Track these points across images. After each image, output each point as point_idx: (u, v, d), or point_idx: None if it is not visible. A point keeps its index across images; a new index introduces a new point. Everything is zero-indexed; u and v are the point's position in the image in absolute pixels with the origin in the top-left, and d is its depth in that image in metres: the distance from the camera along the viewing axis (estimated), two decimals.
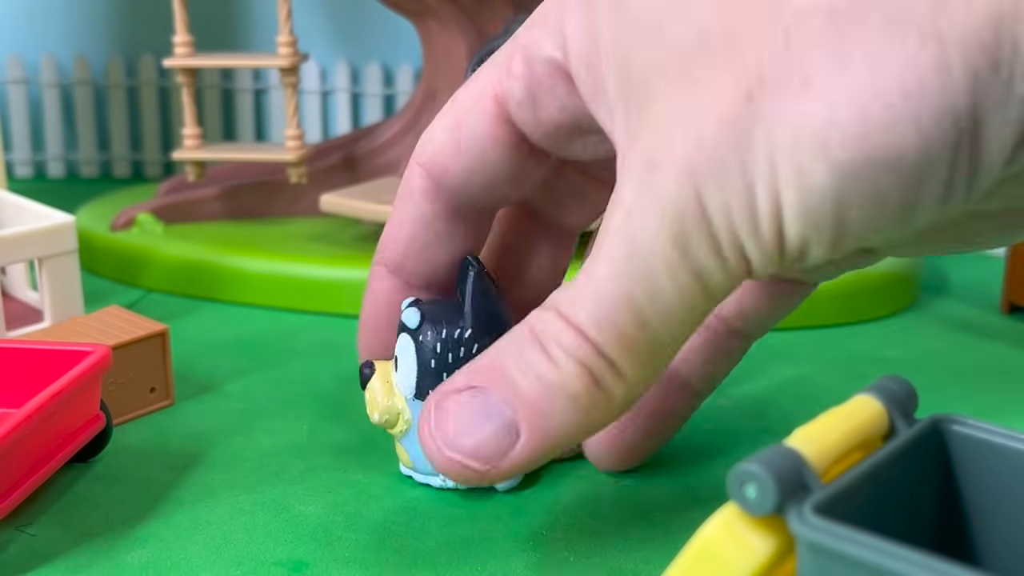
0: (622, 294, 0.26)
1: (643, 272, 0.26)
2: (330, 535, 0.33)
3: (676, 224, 0.25)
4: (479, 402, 0.29)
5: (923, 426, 0.23)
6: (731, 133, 0.25)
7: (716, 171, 0.25)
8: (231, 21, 0.78)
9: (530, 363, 0.28)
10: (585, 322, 0.27)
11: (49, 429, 0.34)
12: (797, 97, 0.24)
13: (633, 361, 0.27)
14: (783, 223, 0.25)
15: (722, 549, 0.20)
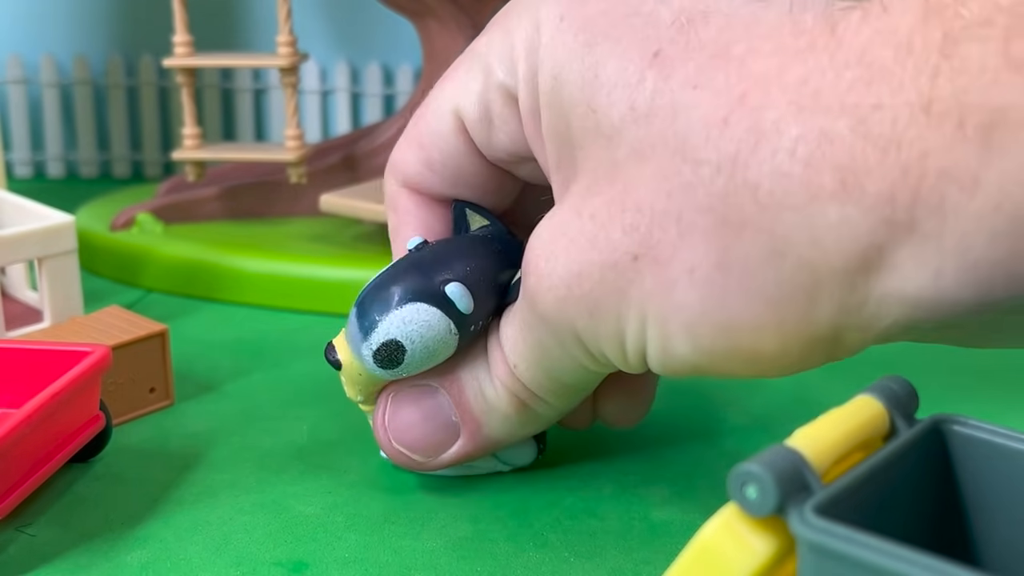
0: (533, 354, 0.31)
1: (540, 348, 0.30)
2: (330, 535, 0.33)
3: (554, 334, 0.29)
4: (428, 400, 0.33)
5: (924, 426, 0.23)
6: (612, 284, 0.27)
7: (591, 310, 0.28)
8: (231, 21, 0.78)
9: (479, 380, 0.33)
10: (512, 362, 0.31)
11: (49, 429, 0.34)
12: (678, 279, 0.26)
13: (552, 395, 0.32)
14: (648, 363, 0.28)
15: (722, 550, 0.20)
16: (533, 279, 0.29)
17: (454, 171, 0.33)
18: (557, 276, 0.28)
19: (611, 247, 0.27)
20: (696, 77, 0.25)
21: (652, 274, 0.26)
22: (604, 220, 0.27)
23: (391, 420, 0.34)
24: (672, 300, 0.26)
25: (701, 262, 0.25)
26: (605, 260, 0.27)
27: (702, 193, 0.25)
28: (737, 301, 0.25)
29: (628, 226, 0.26)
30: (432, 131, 0.33)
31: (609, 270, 0.27)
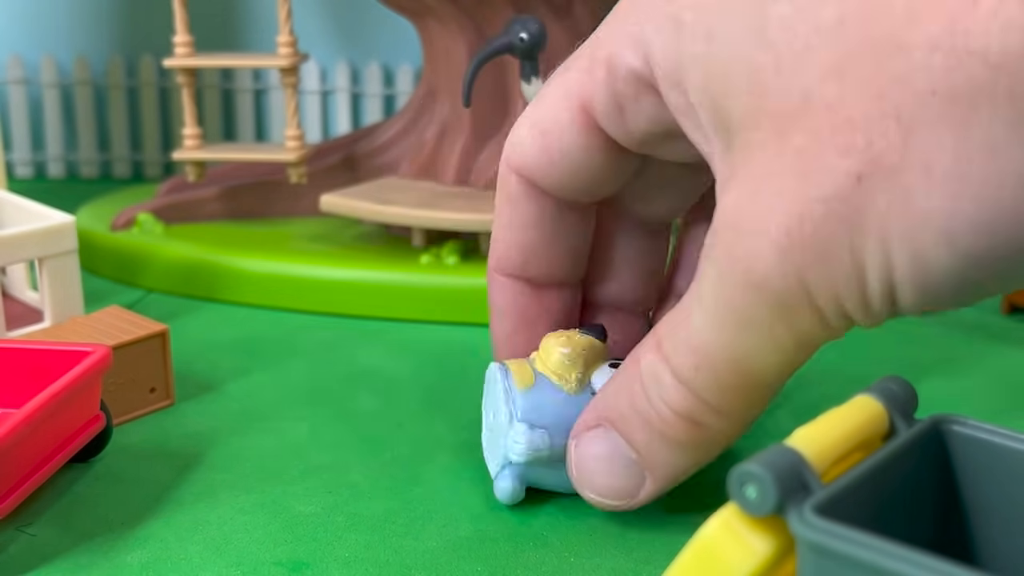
0: (720, 346, 0.27)
1: (742, 332, 0.27)
2: (330, 535, 0.33)
3: (775, 300, 0.26)
4: (606, 445, 0.31)
5: (923, 426, 0.23)
6: (839, 216, 0.24)
7: (820, 252, 0.25)
8: (231, 21, 0.78)
9: (641, 411, 0.30)
10: (687, 372, 0.28)
11: (49, 429, 0.34)
12: (916, 184, 0.23)
13: (731, 399, 0.29)
14: (897, 297, 0.25)
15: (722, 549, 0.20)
16: (742, 242, 0.26)
17: (572, 164, 0.32)
18: (774, 227, 0.25)
19: (828, 175, 0.24)
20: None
21: (884, 189, 0.23)
22: (813, 151, 0.24)
23: (578, 469, 0.32)
24: (915, 210, 0.23)
25: (937, 157, 0.22)
26: (825, 192, 0.24)
27: (920, 79, 0.22)
28: (989, 188, 0.22)
29: (842, 146, 0.24)
30: (555, 121, 0.32)
31: (833, 201, 0.24)
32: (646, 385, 0.30)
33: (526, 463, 0.33)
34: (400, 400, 0.42)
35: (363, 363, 0.46)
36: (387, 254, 0.54)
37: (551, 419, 0.33)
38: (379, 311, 0.51)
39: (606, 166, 0.32)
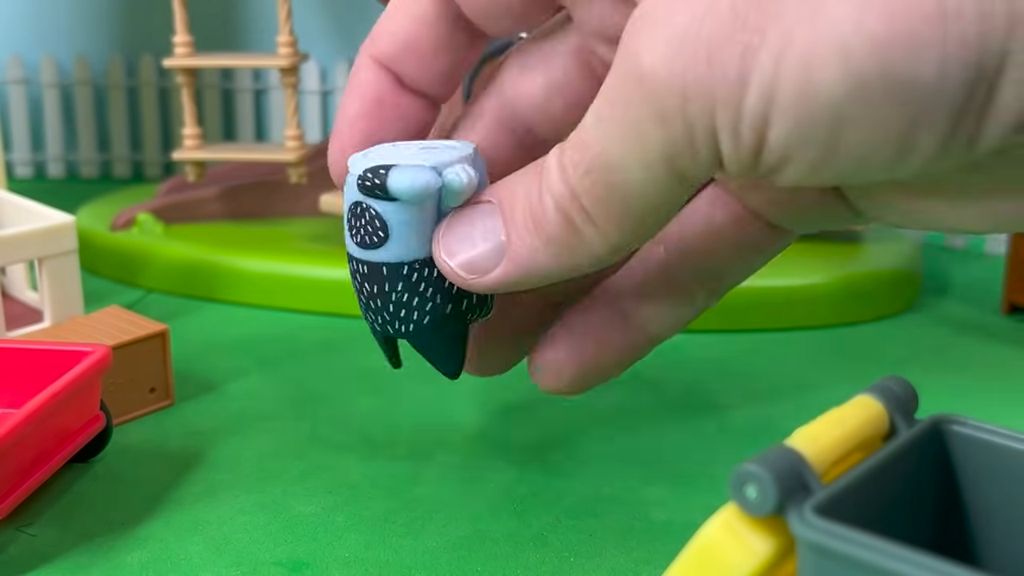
0: (598, 147, 0.26)
1: (617, 132, 0.26)
2: (330, 535, 0.33)
3: (652, 96, 0.25)
4: (485, 219, 0.30)
5: (923, 426, 0.23)
6: (743, 15, 0.23)
7: (711, 52, 0.23)
8: (231, 21, 0.78)
9: (529, 196, 0.29)
10: (571, 170, 0.27)
11: (49, 429, 0.34)
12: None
13: (606, 217, 0.27)
14: (768, 125, 0.23)
15: (722, 549, 0.20)
16: (642, 32, 0.25)
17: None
18: (677, 19, 0.24)
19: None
20: None
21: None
22: None
23: (446, 231, 0.31)
24: (822, 16, 0.22)
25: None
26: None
27: None
28: (900, 8, 0.21)
29: None
30: None
31: (738, 6, 0.23)
32: (542, 173, 0.29)
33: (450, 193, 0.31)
34: (400, 400, 0.42)
35: (363, 363, 0.46)
36: None
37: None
38: None
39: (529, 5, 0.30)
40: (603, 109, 0.26)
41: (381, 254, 0.31)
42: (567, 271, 0.29)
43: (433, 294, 0.32)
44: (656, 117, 0.25)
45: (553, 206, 0.28)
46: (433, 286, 0.32)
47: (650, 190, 0.26)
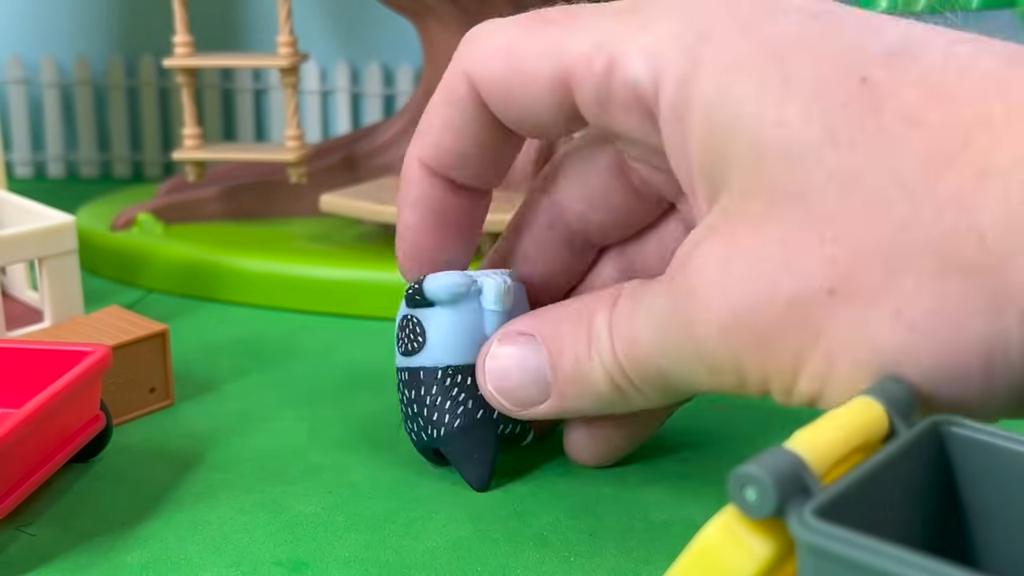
0: (651, 354, 0.29)
1: (672, 358, 0.29)
2: (330, 535, 0.33)
3: (706, 358, 0.27)
4: (530, 355, 0.32)
5: (923, 428, 0.23)
6: (798, 319, 0.25)
7: (765, 344, 0.26)
8: (231, 21, 0.78)
9: (577, 352, 0.31)
10: (622, 355, 0.30)
11: (49, 429, 0.34)
12: (883, 322, 0.24)
13: (654, 390, 0.30)
14: (820, 399, 0.26)
15: (722, 552, 0.20)
16: (698, 305, 0.27)
17: (528, 107, 0.31)
18: (729, 305, 0.26)
19: (803, 278, 0.25)
20: (912, 112, 0.24)
21: (850, 311, 0.24)
22: (797, 248, 0.25)
23: (491, 362, 0.33)
24: (871, 341, 0.24)
25: (911, 306, 0.24)
26: (794, 292, 0.25)
27: (920, 235, 0.23)
28: (946, 349, 0.23)
29: (826, 258, 0.24)
30: (531, 59, 0.30)
31: (797, 302, 0.25)
32: (592, 334, 0.31)
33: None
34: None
35: (363, 363, 0.46)
36: (387, 254, 0.54)
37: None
38: (379, 311, 0.51)
39: (568, 123, 0.31)
40: (655, 331, 0.29)
41: (419, 359, 0.34)
42: (605, 413, 0.33)
43: (465, 399, 0.34)
44: (708, 371, 0.28)
45: (603, 372, 0.31)
46: (466, 391, 0.34)
47: (702, 390, 0.29)
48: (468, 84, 0.32)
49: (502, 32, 0.31)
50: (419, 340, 0.34)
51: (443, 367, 0.34)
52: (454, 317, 0.34)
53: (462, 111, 0.32)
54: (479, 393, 0.34)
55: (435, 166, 0.34)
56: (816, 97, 0.25)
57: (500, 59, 0.31)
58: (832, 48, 0.25)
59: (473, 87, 0.32)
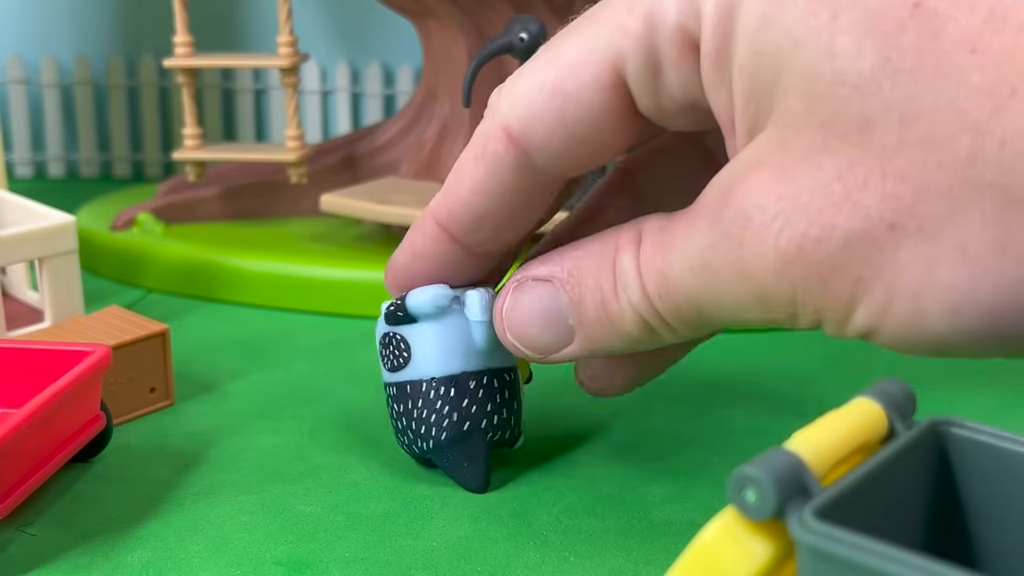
0: (689, 293, 0.28)
1: (714, 295, 0.27)
2: (330, 535, 0.33)
3: (758, 292, 0.26)
4: (550, 300, 0.31)
5: (922, 429, 0.23)
6: (857, 251, 0.24)
7: (822, 276, 0.25)
8: (231, 21, 0.78)
9: (603, 294, 0.30)
10: (655, 295, 0.29)
11: (49, 429, 0.34)
12: (945, 257, 0.24)
13: (687, 327, 0.29)
14: (872, 335, 0.25)
15: (722, 553, 0.20)
16: (749, 235, 0.26)
17: (587, 131, 0.29)
18: (787, 238, 0.25)
19: (863, 213, 0.24)
20: (972, 39, 0.23)
21: (911, 247, 0.24)
22: (856, 183, 0.24)
23: (509, 312, 0.32)
24: (934, 276, 0.24)
25: (975, 240, 0.23)
26: (854, 226, 0.24)
27: (983, 168, 0.23)
28: (1013, 284, 0.23)
29: (888, 194, 0.24)
30: (575, 80, 0.28)
31: (856, 237, 0.24)
32: (617, 275, 0.30)
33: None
34: None
35: (363, 363, 0.46)
36: (387, 254, 0.54)
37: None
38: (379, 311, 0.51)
39: (621, 135, 0.29)
40: (697, 270, 0.28)
41: (406, 373, 0.35)
42: (630, 351, 0.32)
43: (450, 411, 0.34)
44: (760, 305, 0.27)
45: (632, 312, 0.30)
46: (450, 404, 0.34)
47: (739, 322, 0.28)
48: (503, 136, 0.30)
49: (529, 73, 0.30)
50: (404, 356, 0.34)
51: (428, 379, 0.34)
52: (438, 329, 0.34)
53: (495, 167, 0.30)
54: (467, 403, 0.34)
55: (454, 230, 0.32)
56: (869, 24, 0.24)
57: (539, 91, 0.29)
58: None
59: (509, 138, 0.30)
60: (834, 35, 0.24)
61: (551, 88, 0.29)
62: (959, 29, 0.23)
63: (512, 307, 0.32)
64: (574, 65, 0.28)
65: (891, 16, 0.24)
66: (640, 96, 0.28)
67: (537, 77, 0.29)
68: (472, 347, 0.34)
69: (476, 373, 0.34)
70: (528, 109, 0.29)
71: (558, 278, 0.31)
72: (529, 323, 0.32)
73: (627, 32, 0.27)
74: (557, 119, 0.29)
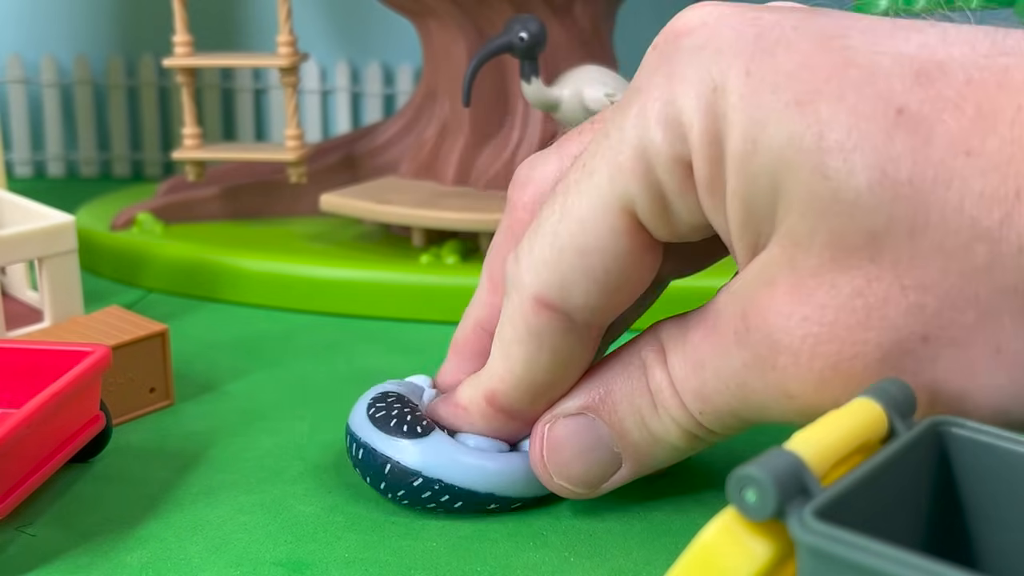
0: (730, 408, 0.28)
1: (755, 408, 0.27)
2: (330, 535, 0.33)
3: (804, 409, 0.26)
4: (588, 433, 0.31)
5: (922, 429, 0.23)
6: (894, 363, 0.24)
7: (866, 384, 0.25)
8: (231, 21, 0.78)
9: (643, 416, 0.30)
10: (695, 411, 0.29)
11: (49, 429, 0.34)
12: (982, 361, 0.24)
13: (732, 430, 0.29)
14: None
15: (722, 553, 0.20)
16: (786, 364, 0.26)
17: (619, 279, 0.29)
18: (822, 358, 0.25)
19: (892, 327, 0.24)
20: (965, 142, 0.23)
21: (948, 356, 0.24)
22: (877, 299, 0.24)
23: (551, 455, 0.32)
24: (974, 381, 0.24)
25: (1009, 343, 0.23)
26: (886, 340, 0.24)
27: (1004, 274, 0.23)
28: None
29: (912, 305, 0.24)
30: (595, 237, 0.28)
31: (892, 351, 0.24)
32: (654, 395, 0.30)
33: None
34: None
35: (363, 363, 0.46)
36: (387, 254, 0.54)
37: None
38: (379, 311, 0.51)
39: (651, 264, 0.29)
40: (733, 391, 0.28)
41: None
42: (681, 459, 0.32)
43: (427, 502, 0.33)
44: (803, 415, 0.26)
45: (675, 428, 0.30)
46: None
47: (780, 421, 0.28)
48: (540, 308, 0.29)
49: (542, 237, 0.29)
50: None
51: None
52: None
53: (542, 339, 0.30)
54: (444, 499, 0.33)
55: (510, 409, 0.32)
56: (856, 139, 0.24)
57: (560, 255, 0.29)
58: (855, 77, 0.24)
59: (548, 308, 0.29)
60: (823, 156, 0.24)
61: (572, 249, 0.28)
62: (949, 132, 0.23)
63: (552, 449, 0.32)
64: (587, 220, 0.28)
65: (876, 127, 0.23)
66: (656, 230, 0.28)
67: (553, 241, 0.29)
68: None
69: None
70: (556, 275, 0.29)
71: (591, 408, 0.31)
72: (573, 461, 0.31)
73: (626, 172, 0.27)
74: (588, 277, 0.29)
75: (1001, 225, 0.22)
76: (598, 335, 0.31)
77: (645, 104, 0.27)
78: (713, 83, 0.26)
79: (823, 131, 0.24)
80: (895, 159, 0.23)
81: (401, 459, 0.32)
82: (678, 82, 0.26)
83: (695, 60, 0.26)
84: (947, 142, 0.23)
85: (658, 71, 0.27)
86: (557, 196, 0.29)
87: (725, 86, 0.25)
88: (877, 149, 0.23)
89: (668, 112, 0.26)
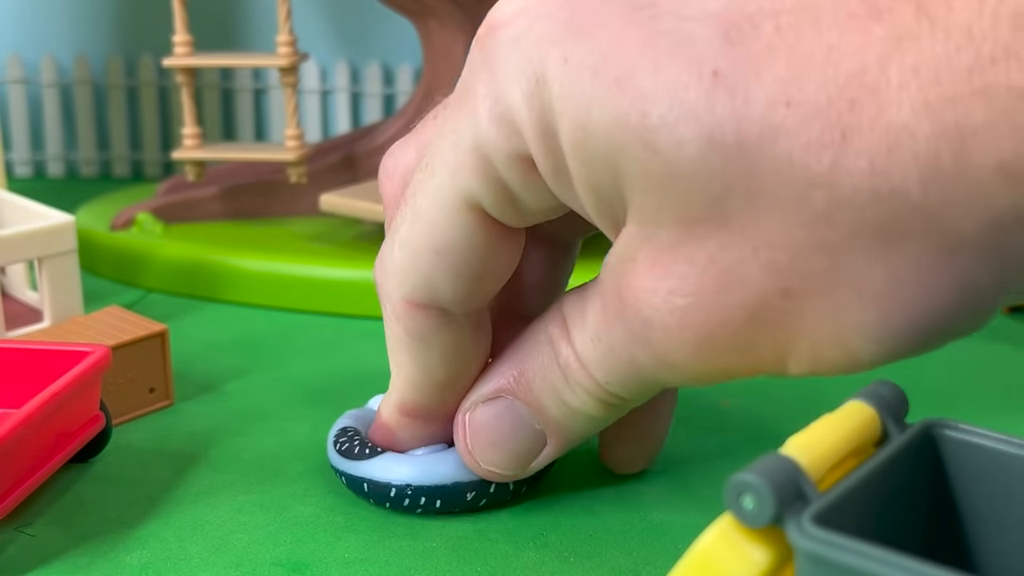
0: (630, 376, 0.29)
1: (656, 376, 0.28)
2: (330, 535, 0.33)
3: (688, 376, 0.27)
4: (508, 415, 0.32)
5: (915, 431, 0.23)
6: (764, 320, 0.24)
7: (742, 347, 0.25)
8: (231, 21, 0.78)
9: (557, 390, 0.31)
10: (603, 380, 0.29)
11: (49, 429, 0.34)
12: (847, 303, 0.24)
13: (645, 394, 0.30)
14: (817, 370, 0.26)
15: (720, 560, 0.20)
16: (661, 336, 0.26)
17: (483, 268, 0.29)
18: (692, 329, 0.25)
19: (752, 288, 0.24)
20: (783, 91, 0.23)
21: (812, 306, 0.24)
22: (731, 263, 0.24)
23: (475, 442, 0.32)
24: (846, 321, 0.24)
25: (868, 282, 0.23)
26: (748, 301, 0.24)
27: (846, 217, 0.22)
28: (919, 303, 0.23)
29: (766, 264, 0.24)
30: (445, 237, 0.29)
31: (758, 309, 0.24)
32: (564, 370, 0.30)
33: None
34: None
35: (363, 363, 0.46)
36: None
37: None
38: (379, 311, 0.51)
39: (516, 245, 0.30)
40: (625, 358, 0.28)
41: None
42: (605, 426, 0.32)
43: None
44: (695, 380, 0.28)
45: (589, 398, 0.30)
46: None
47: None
48: (414, 310, 0.30)
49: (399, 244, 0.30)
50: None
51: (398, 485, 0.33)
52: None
53: (426, 340, 0.31)
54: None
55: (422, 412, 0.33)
56: (678, 111, 0.23)
57: (417, 258, 0.29)
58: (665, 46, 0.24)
59: (421, 308, 0.30)
60: (650, 132, 0.24)
61: (428, 250, 0.29)
62: (765, 87, 0.23)
63: (475, 435, 0.32)
64: (436, 221, 0.29)
65: (695, 95, 0.23)
66: (508, 220, 0.29)
67: (407, 246, 0.29)
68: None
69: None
70: (419, 277, 0.29)
71: (507, 390, 0.31)
72: (498, 445, 0.32)
73: (467, 170, 0.28)
74: (450, 273, 0.29)
75: (832, 169, 0.22)
76: (481, 319, 0.32)
77: (475, 103, 0.27)
78: (535, 76, 0.25)
79: (645, 108, 0.24)
80: (719, 123, 0.23)
81: (372, 476, 0.33)
82: (502, 78, 0.26)
83: (514, 53, 0.26)
84: (765, 97, 0.23)
85: (483, 68, 0.27)
86: (408, 198, 0.30)
87: (546, 77, 0.25)
88: (699, 117, 0.23)
89: (498, 110, 0.26)
